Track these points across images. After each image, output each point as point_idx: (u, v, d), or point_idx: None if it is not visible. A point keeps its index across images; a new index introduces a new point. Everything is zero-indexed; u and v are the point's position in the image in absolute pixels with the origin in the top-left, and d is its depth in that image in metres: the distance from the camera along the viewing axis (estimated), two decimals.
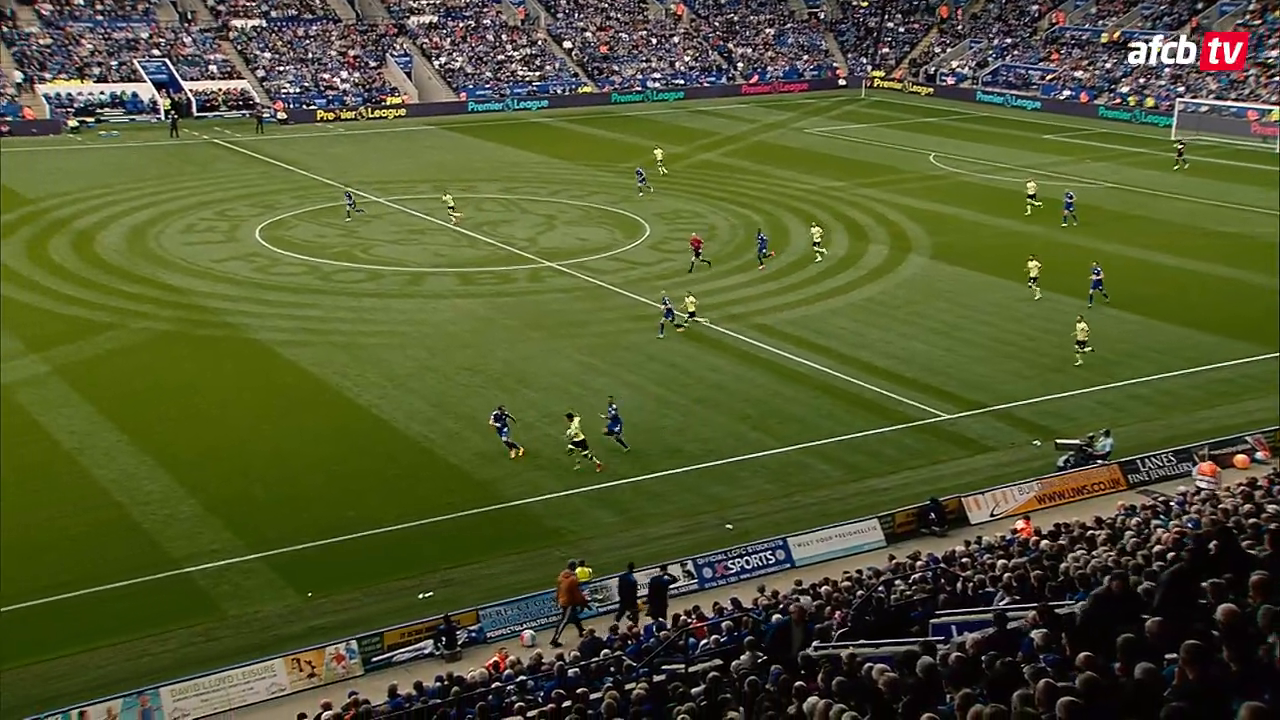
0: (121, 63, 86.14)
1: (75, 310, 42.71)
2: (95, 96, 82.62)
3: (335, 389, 36.21)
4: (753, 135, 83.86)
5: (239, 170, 68.66)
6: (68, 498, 28.69)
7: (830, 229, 56.86)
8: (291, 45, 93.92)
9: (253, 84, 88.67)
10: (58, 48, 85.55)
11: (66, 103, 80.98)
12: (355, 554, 26.95)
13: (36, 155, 70.98)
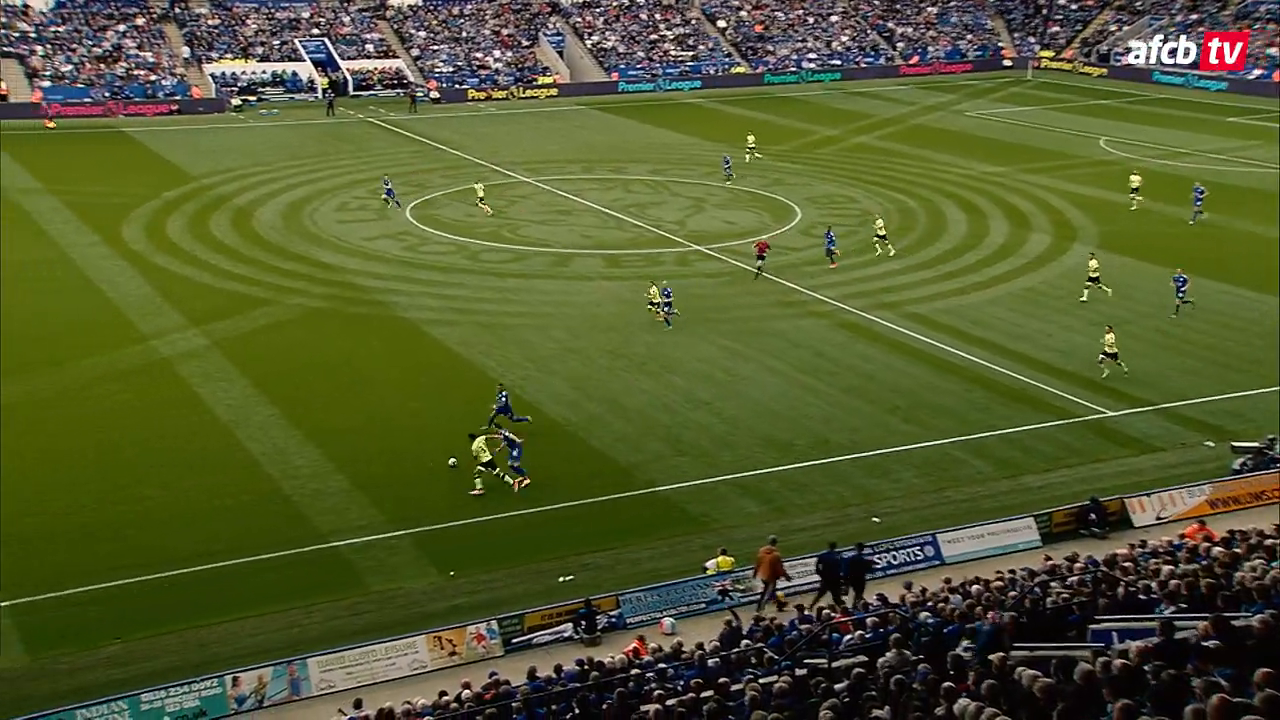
0: (283, 42, 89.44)
1: (233, 286, 44.59)
2: (257, 75, 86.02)
3: (479, 368, 36.97)
4: (911, 118, 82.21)
5: (392, 149, 70.61)
6: (223, 469, 30.03)
7: (988, 215, 55.38)
8: (446, 24, 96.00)
9: (407, 63, 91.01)
10: (224, 28, 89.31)
11: (231, 82, 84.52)
12: (497, 534, 27.51)
13: (201, 133, 74.29)
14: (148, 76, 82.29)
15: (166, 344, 38.32)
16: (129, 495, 28.55)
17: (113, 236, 50.13)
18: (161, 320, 40.48)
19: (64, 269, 45.90)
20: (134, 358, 37.15)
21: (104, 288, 43.73)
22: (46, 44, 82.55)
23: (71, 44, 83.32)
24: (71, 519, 27.35)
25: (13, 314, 40.46)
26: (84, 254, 47.73)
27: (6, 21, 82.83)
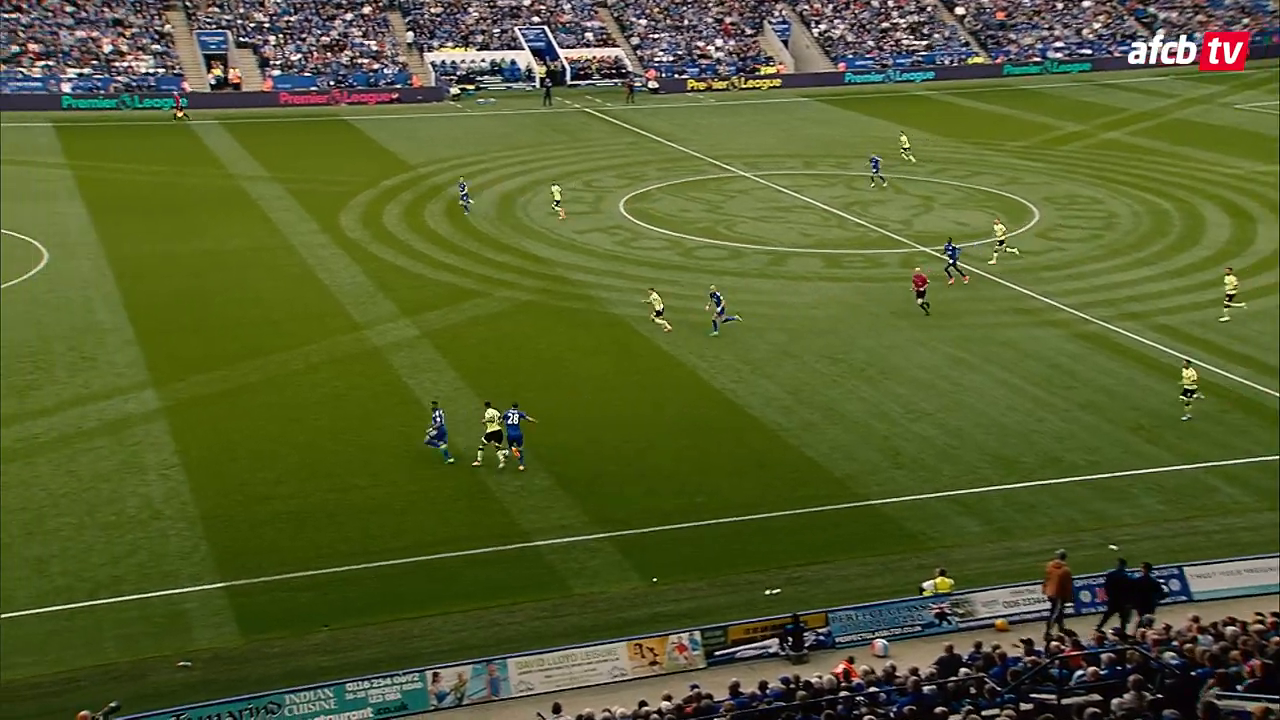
0: (503, 30, 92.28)
1: (446, 276, 46.24)
2: (476, 64, 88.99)
3: (690, 369, 37.18)
4: (1170, 112, 78.29)
5: (607, 140, 71.85)
6: (430, 462, 31.11)
7: (1256, 220, 52.11)
8: (667, 12, 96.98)
9: (626, 52, 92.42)
10: (447, 16, 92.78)
11: (450, 70, 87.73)
12: (702, 541, 27.61)
13: (420, 122, 77.43)
14: (371, 65, 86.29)
15: (378, 333, 40.04)
16: (339, 483, 29.97)
17: (331, 224, 52.78)
18: (375, 309, 42.33)
19: (285, 256, 48.61)
20: (347, 346, 38.97)
21: (321, 276, 46.08)
22: (279, 33, 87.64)
23: (301, 33, 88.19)
24: (283, 504, 28.91)
25: (236, 300, 43.07)
26: (304, 241, 50.41)
27: (244, 12, 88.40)
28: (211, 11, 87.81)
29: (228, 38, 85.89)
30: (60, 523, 27.42)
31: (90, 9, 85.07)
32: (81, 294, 42.92)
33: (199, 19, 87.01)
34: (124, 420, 33.01)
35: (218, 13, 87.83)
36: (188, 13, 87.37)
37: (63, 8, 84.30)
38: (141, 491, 29.00)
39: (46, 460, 30.44)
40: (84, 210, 54.29)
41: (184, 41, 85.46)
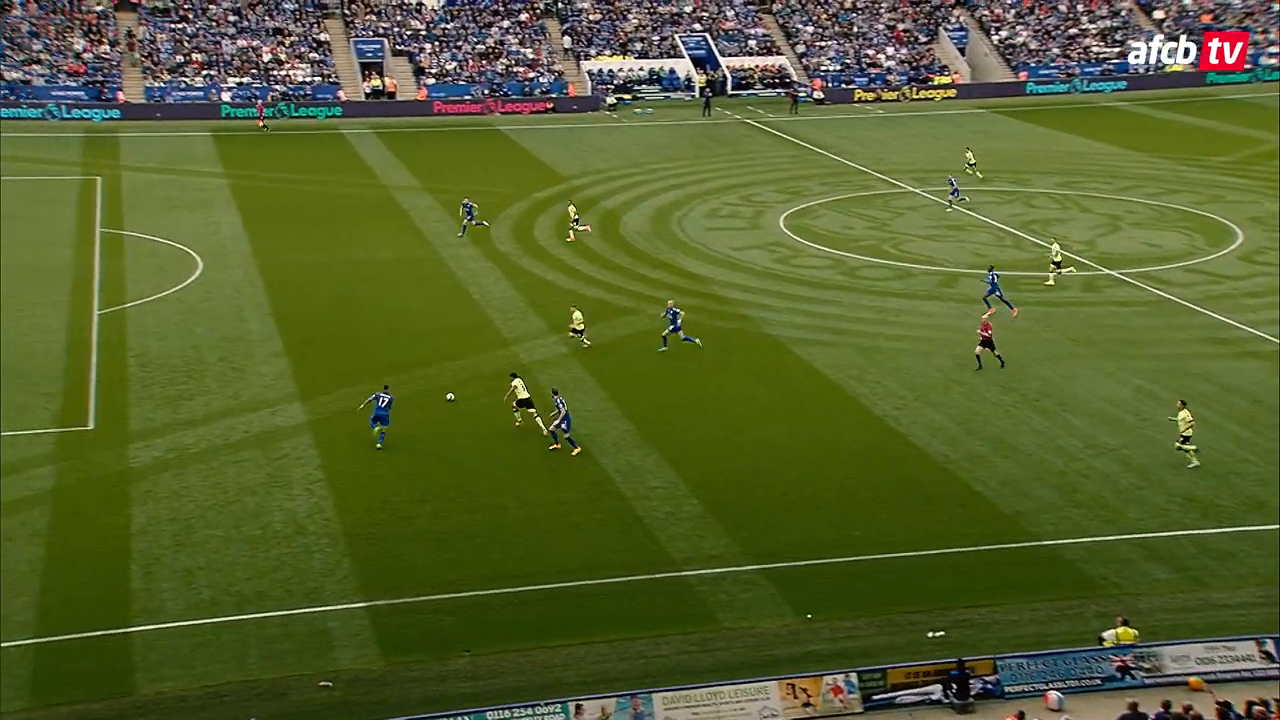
0: (663, 38, 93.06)
1: (597, 292, 46.69)
2: (634, 73, 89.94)
3: (851, 395, 36.76)
4: None
5: (768, 153, 71.74)
6: (575, 485, 31.44)
7: None
8: (836, 19, 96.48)
9: (791, 60, 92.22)
10: (605, 24, 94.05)
11: (607, 79, 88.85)
12: (860, 577, 27.22)
13: (574, 132, 78.56)
14: (526, 74, 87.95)
15: (526, 350, 40.64)
16: (483, 504, 30.47)
17: (482, 237, 53.85)
18: (524, 325, 43.00)
19: (434, 268, 49.78)
20: (495, 362, 39.66)
21: (471, 289, 47.03)
22: (435, 41, 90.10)
23: (457, 41, 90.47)
24: (426, 524, 29.51)
25: (384, 312, 44.27)
26: (454, 254, 51.53)
27: (401, 20, 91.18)
28: (369, 19, 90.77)
29: (384, 46, 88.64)
30: (208, 535, 28.53)
31: (252, 18, 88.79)
32: (233, 303, 44.67)
33: (356, 27, 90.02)
34: (271, 433, 34.20)
35: (375, 20, 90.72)
36: (345, 21, 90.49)
37: (226, 17, 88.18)
38: (286, 506, 29.98)
39: (196, 471, 31.73)
40: (237, 219, 56.57)
41: (340, 50, 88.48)
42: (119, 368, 38.36)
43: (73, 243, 51.83)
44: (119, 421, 34.57)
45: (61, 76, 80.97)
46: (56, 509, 29.60)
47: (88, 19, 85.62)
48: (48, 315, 42.59)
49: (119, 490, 30.58)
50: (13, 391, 36.31)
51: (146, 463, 32.15)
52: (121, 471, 31.67)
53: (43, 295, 44.73)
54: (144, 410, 35.32)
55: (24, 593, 25.97)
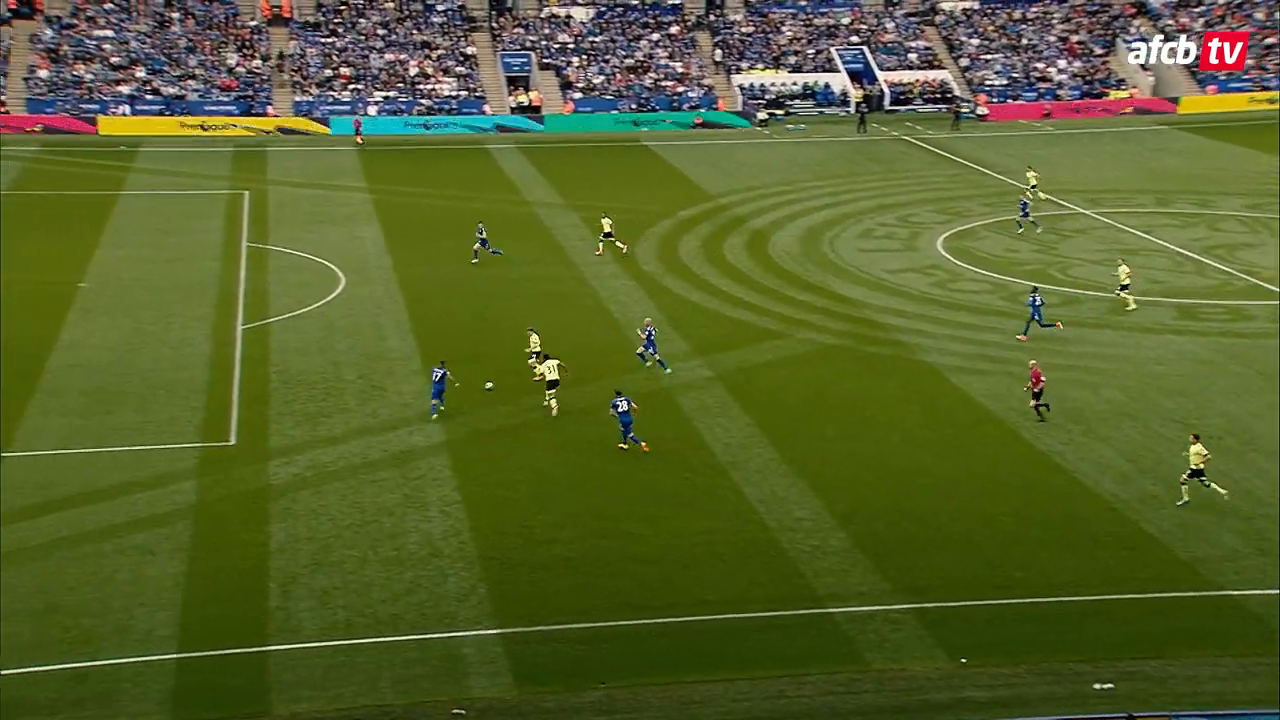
0: (818, 51, 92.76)
1: (743, 315, 46.65)
2: (787, 87, 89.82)
3: (1010, 427, 36.03)
4: None
5: (927, 171, 70.90)
6: (717, 513, 31.40)
7: None
8: (1004, 30, 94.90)
9: (954, 74, 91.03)
10: (758, 36, 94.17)
11: (758, 94, 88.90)
12: (1019, 621, 26.62)
13: (722, 149, 78.72)
14: (675, 88, 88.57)
15: (668, 373, 40.82)
16: (615, 530, 30.64)
17: (624, 256, 54.26)
18: (666, 347, 43.01)
19: (576, 286, 50.34)
20: (635, 385, 39.77)
21: (612, 309, 47.41)
22: (583, 55, 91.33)
23: (605, 54, 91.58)
24: (563, 549, 29.78)
25: (523, 331, 44.79)
26: (596, 272, 52.05)
27: (548, 33, 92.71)
28: (516, 33, 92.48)
29: (531, 59, 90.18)
30: (344, 555, 29.24)
31: (400, 31, 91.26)
32: (373, 320, 45.83)
33: (503, 40, 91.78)
34: (408, 453, 34.93)
35: (522, 34, 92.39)
36: (493, 34, 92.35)
37: (374, 31, 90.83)
38: (423, 528, 30.57)
39: (334, 490, 32.58)
40: (379, 234, 58.04)
41: (487, 63, 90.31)
42: (261, 383, 39.65)
43: (219, 256, 53.81)
44: (260, 437, 35.71)
45: (215, 91, 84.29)
46: (198, 524, 30.69)
47: (241, 34, 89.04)
48: (194, 329, 44.27)
49: (258, 507, 31.58)
50: (160, 404, 37.80)
51: (286, 480, 33.14)
52: (261, 488, 32.70)
53: (189, 309, 46.50)
54: (284, 427, 36.42)
55: (166, 607, 26.96)
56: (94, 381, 39.35)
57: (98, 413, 37.09)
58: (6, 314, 45.11)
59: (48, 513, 30.82)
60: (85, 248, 54.33)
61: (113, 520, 30.60)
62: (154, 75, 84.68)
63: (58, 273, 50.41)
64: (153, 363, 41.11)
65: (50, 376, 39.65)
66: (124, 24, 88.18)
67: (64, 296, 47.31)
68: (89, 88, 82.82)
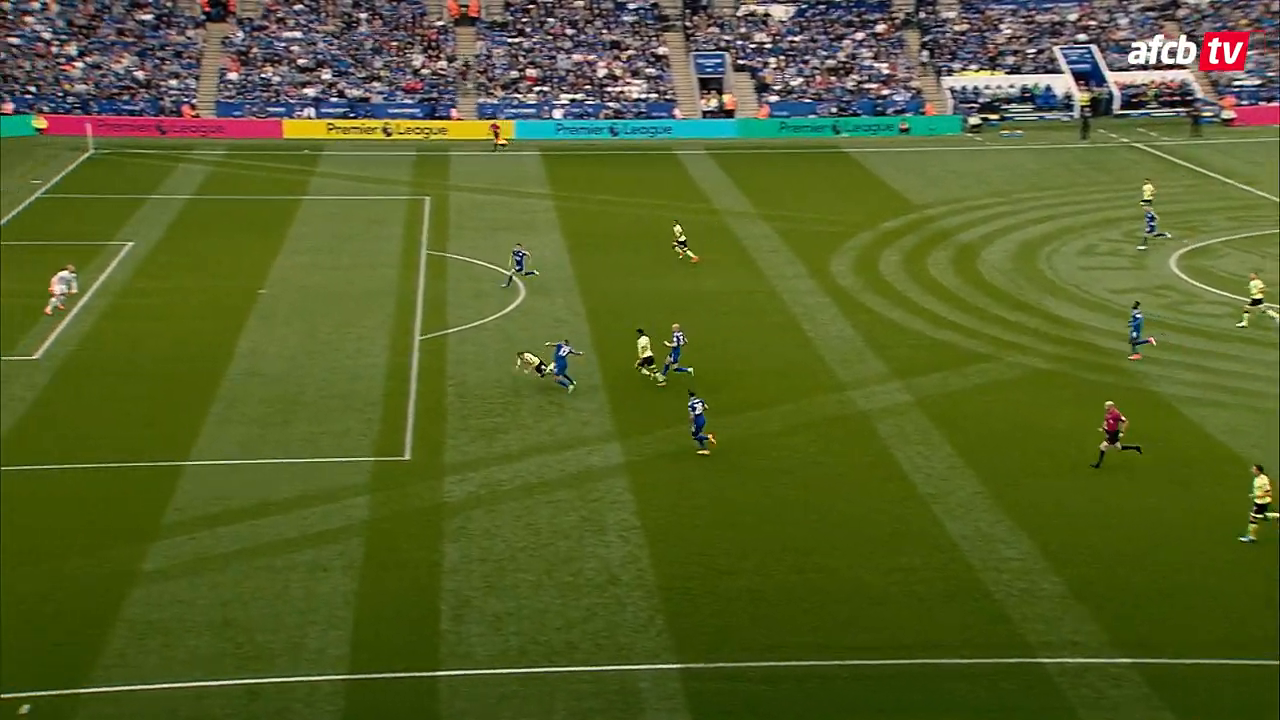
0: (1040, 50, 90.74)
1: (947, 335, 45.92)
2: (1003, 90, 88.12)
3: (1246, 463, 34.54)
4: None
5: (1160, 181, 68.57)
6: (915, 549, 30.90)
7: None
8: (1258, 23, 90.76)
9: (1195, 75, 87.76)
10: (972, 35, 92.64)
11: (971, 97, 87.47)
12: (1260, 685, 25.53)
13: (930, 156, 77.73)
14: (879, 90, 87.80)
15: (865, 396, 40.44)
16: (805, 563, 30.40)
17: (820, 269, 53.99)
18: (862, 368, 42.75)
19: (767, 302, 50.23)
20: (827, 408, 39.60)
21: (805, 326, 47.16)
22: (781, 55, 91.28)
23: (805, 55, 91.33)
24: (746, 581, 29.67)
25: (710, 348, 44.97)
26: (789, 287, 51.85)
27: (745, 32, 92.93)
28: (710, 32, 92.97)
29: (725, 60, 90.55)
30: (519, 579, 29.73)
31: (590, 31, 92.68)
32: (553, 333, 46.44)
33: (697, 40, 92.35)
34: (586, 473, 35.36)
35: (717, 33, 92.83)
36: (686, 34, 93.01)
37: (563, 30, 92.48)
38: (600, 553, 30.88)
39: (508, 510, 33.19)
40: (562, 243, 58.95)
41: (679, 65, 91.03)
42: (437, 397, 40.66)
43: (397, 264, 55.43)
44: (435, 453, 36.61)
45: (399, 93, 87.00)
46: (371, 540, 31.61)
47: (428, 35, 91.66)
48: (371, 339, 45.67)
49: (432, 525, 32.37)
50: (336, 416, 39.11)
51: (460, 498, 33.90)
52: (435, 506, 33.51)
53: (367, 318, 47.99)
54: (460, 442, 37.27)
55: (338, 625, 27.82)
56: (271, 390, 40.94)
57: (275, 423, 38.58)
58: (189, 320, 47.41)
59: (225, 523, 32.18)
60: (267, 253, 56.61)
61: (287, 534, 31.76)
62: (339, 77, 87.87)
63: (239, 278, 52.63)
64: (329, 373, 42.55)
65: (229, 384, 41.39)
66: (312, 25, 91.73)
67: (244, 303, 49.38)
68: (275, 90, 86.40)
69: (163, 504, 33.08)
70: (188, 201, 66.63)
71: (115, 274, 53.10)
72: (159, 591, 28.93)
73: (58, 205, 66.13)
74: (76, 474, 35.19)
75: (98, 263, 54.21)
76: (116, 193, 68.22)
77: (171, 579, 29.48)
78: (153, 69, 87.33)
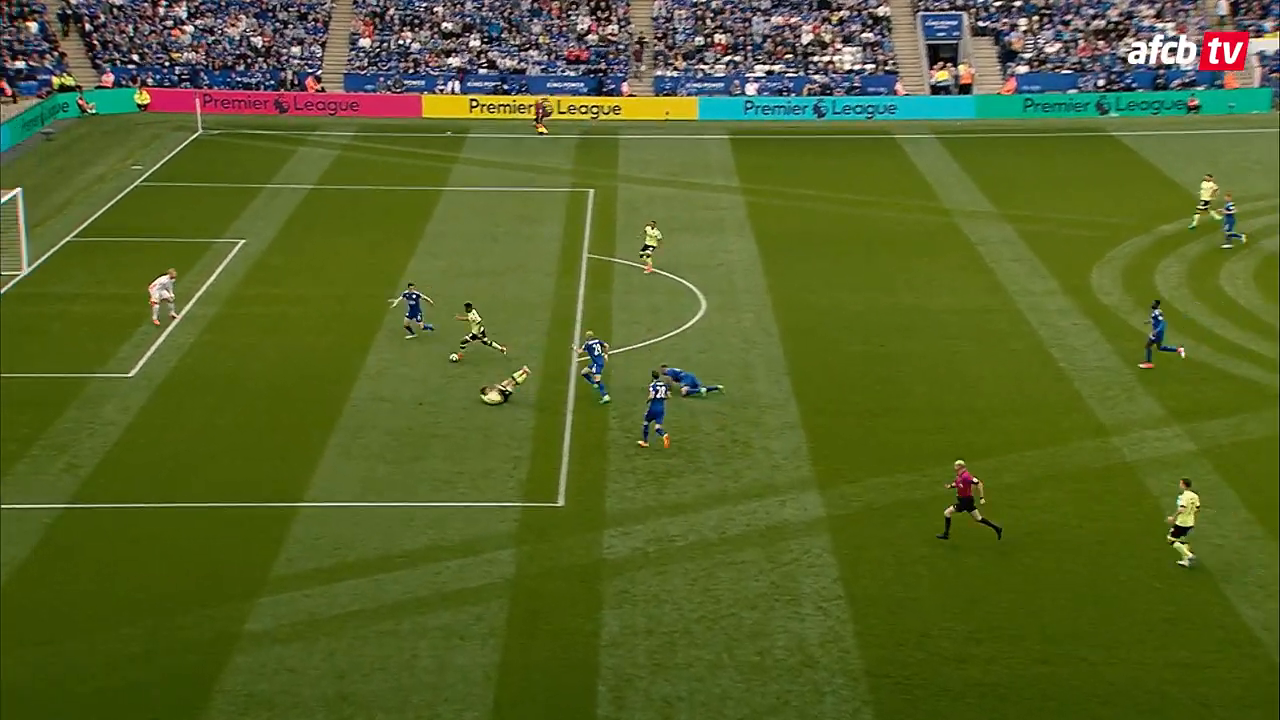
0: None
1: (1244, 369, 44.83)
2: None
3: None
4: None
5: None
6: (1203, 640, 29.88)
7: None
8: None
9: None
10: None
11: None
12: None
13: (1227, 140, 76.23)
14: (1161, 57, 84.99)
15: (1132, 442, 39.64)
16: (1054, 653, 29.64)
17: (1078, 283, 53.04)
18: (1129, 407, 41.76)
19: (1007, 323, 49.40)
20: (1085, 456, 38.72)
21: (1057, 354, 46.34)
22: (1033, 15, 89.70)
23: (1064, 14, 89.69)
24: (979, 671, 29.06)
25: (934, 378, 44.46)
26: (1036, 304, 50.99)
27: None
28: None
29: (962, 22, 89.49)
30: (693, 656, 29.64)
31: None
32: (740, 356, 46.49)
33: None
34: (778, 529, 35.19)
35: None
36: None
37: None
38: (793, 628, 30.65)
39: (681, 571, 33.15)
40: (753, 247, 59.02)
41: (904, 29, 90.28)
42: (597, 432, 40.93)
43: (554, 270, 56.09)
44: (593, 499, 36.84)
45: (560, 64, 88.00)
46: (515, 603, 31.85)
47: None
48: (520, 358, 45.99)
49: (589, 587, 32.51)
50: (476, 451, 39.66)
51: (623, 555, 34.01)
52: (593, 563, 33.68)
53: (516, 334, 48.51)
54: (623, 487, 37.44)
55: (475, 706, 28.04)
56: (400, 420, 41.72)
57: (404, 459, 39.28)
58: (307, 334, 48.64)
59: (342, 578, 32.79)
60: (399, 255, 57.90)
61: (416, 592, 32.24)
62: (489, 44, 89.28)
63: (366, 285, 53.88)
64: (469, 400, 43.13)
65: (352, 411, 42.33)
66: None
67: (372, 314, 50.45)
68: (414, 60, 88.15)
69: (272, 552, 33.89)
70: (309, 192, 68.60)
71: (223, 278, 54.79)
72: (265, 658, 29.56)
73: (160, 195, 68.68)
74: (174, 514, 36.24)
75: (203, 264, 56.08)
76: (227, 181, 70.72)
77: (280, 643, 30.11)
78: (273, 34, 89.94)
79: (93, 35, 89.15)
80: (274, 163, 74.09)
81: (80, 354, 46.63)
